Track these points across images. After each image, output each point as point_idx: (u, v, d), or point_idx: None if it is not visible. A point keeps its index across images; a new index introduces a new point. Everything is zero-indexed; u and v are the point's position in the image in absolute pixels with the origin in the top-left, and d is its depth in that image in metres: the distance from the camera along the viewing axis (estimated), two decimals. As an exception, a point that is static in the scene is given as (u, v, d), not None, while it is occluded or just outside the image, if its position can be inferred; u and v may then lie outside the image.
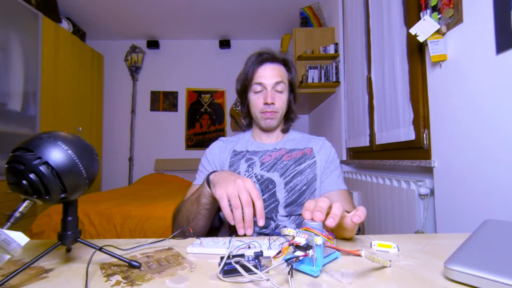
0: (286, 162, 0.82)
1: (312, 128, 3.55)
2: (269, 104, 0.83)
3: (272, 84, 0.83)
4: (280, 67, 0.86)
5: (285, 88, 0.87)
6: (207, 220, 0.69)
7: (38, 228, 1.71)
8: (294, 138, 0.92)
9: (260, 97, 0.84)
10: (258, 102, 0.84)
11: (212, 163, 0.86)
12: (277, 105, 0.84)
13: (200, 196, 0.65)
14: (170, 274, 0.40)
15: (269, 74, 0.84)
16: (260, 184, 0.79)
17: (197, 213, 0.66)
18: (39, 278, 0.39)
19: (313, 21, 2.81)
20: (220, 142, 0.91)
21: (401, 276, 0.39)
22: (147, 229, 1.69)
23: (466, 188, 0.99)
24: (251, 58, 0.86)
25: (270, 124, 0.86)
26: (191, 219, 0.67)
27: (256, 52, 0.87)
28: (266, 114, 0.84)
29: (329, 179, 0.83)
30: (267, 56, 0.85)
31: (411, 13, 1.36)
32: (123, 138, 3.82)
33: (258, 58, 0.85)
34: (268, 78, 0.83)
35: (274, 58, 0.86)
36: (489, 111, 0.89)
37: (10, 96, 2.29)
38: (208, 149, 0.90)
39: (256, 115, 0.87)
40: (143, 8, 3.14)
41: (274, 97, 0.83)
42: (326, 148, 0.88)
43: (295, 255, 0.37)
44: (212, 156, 0.88)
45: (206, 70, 3.90)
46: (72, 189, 0.39)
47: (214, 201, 0.64)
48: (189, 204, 0.68)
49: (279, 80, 0.84)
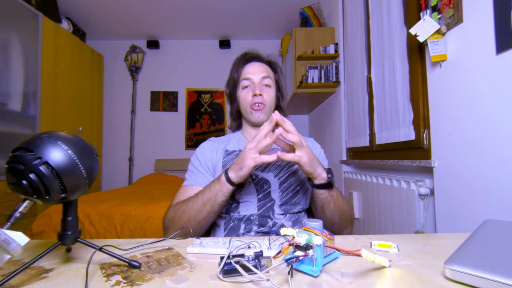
0: (280, 163, 0.83)
1: (312, 128, 3.55)
2: (257, 95, 0.84)
3: (259, 79, 0.85)
4: (266, 66, 0.89)
5: (272, 84, 0.88)
6: (215, 217, 0.72)
7: (38, 228, 1.71)
8: None
9: (248, 91, 0.86)
10: (247, 96, 0.86)
11: (203, 164, 0.85)
12: (265, 97, 0.85)
13: (217, 195, 0.67)
14: (170, 274, 0.40)
15: (256, 70, 0.87)
16: (255, 184, 0.79)
17: (211, 211, 0.68)
18: (39, 278, 0.39)
19: (313, 21, 2.81)
20: (211, 142, 0.91)
21: (401, 276, 0.39)
22: (147, 229, 1.69)
23: (466, 188, 0.99)
24: (237, 59, 0.90)
25: (260, 118, 0.86)
26: (202, 219, 0.69)
27: (241, 54, 0.91)
28: (255, 106, 0.85)
29: None
30: (252, 55, 0.89)
31: (411, 13, 1.36)
32: (123, 138, 3.82)
33: (244, 57, 0.89)
34: (255, 74, 0.86)
35: (259, 57, 0.89)
36: (489, 111, 0.89)
37: (10, 96, 2.29)
38: (198, 149, 0.89)
39: (245, 109, 0.87)
40: (143, 8, 3.14)
41: (262, 90, 0.85)
42: (316, 149, 0.91)
43: (295, 255, 0.37)
44: (203, 156, 0.86)
45: (206, 70, 3.90)
46: (72, 189, 0.39)
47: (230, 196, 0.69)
48: (198, 205, 0.68)
49: (266, 75, 0.86)
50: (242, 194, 0.79)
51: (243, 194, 0.79)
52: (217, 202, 0.68)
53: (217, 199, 0.68)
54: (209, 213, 0.68)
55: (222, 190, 0.67)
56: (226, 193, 0.67)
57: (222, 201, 0.68)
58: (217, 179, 0.69)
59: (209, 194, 0.68)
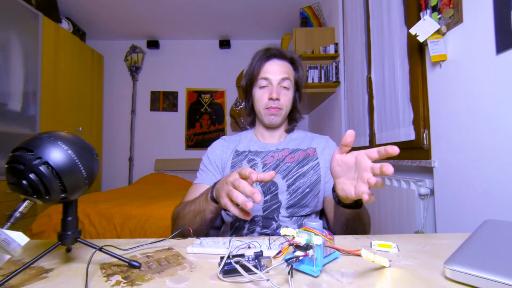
0: (289, 164, 0.81)
1: (312, 128, 3.55)
2: (273, 100, 0.80)
3: (278, 80, 0.81)
4: (287, 64, 0.85)
5: (291, 85, 0.85)
6: (210, 226, 0.69)
7: (38, 228, 1.71)
8: (297, 137, 0.90)
9: (265, 92, 0.82)
10: (263, 97, 0.82)
11: (213, 162, 0.85)
12: (282, 102, 0.82)
13: (205, 211, 0.63)
14: (170, 274, 0.40)
15: (276, 69, 0.82)
16: (262, 186, 0.78)
17: (201, 224, 0.65)
18: (39, 278, 0.39)
19: (313, 21, 2.81)
20: (222, 141, 0.89)
21: (401, 276, 0.39)
22: (147, 229, 1.69)
23: (466, 188, 0.99)
24: (258, 53, 0.84)
25: (274, 121, 0.84)
26: (194, 229, 0.66)
27: (263, 48, 0.85)
28: (270, 110, 0.82)
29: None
30: (275, 51, 0.83)
31: (411, 13, 1.36)
32: (123, 138, 3.82)
33: (266, 53, 0.83)
34: (275, 74, 0.81)
35: (281, 54, 0.84)
36: (489, 111, 0.89)
37: (10, 96, 2.29)
38: (210, 147, 0.88)
39: (260, 111, 0.85)
40: (143, 8, 3.14)
41: (279, 93, 0.81)
42: (331, 147, 0.87)
43: (295, 255, 0.37)
44: (213, 155, 0.86)
45: (206, 70, 3.90)
46: (72, 189, 0.39)
47: (220, 211, 0.64)
48: (190, 216, 0.66)
49: (286, 76, 0.82)
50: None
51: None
52: (206, 218, 0.64)
53: (206, 215, 0.64)
54: (200, 226, 0.65)
55: (209, 208, 0.63)
56: (213, 211, 0.63)
57: (212, 217, 0.64)
58: (206, 193, 0.64)
59: (199, 208, 0.65)
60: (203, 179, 0.83)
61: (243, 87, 0.89)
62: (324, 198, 0.83)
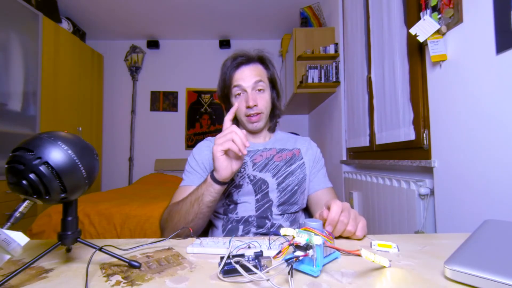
0: (278, 163, 0.83)
1: (312, 128, 3.55)
2: (251, 107, 0.80)
3: (252, 85, 0.80)
4: (257, 66, 0.84)
5: (266, 86, 0.84)
6: (206, 219, 0.70)
7: (38, 228, 1.71)
8: (281, 137, 0.92)
9: (241, 100, 0.81)
10: (241, 105, 0.81)
11: (200, 164, 0.84)
12: (260, 106, 0.81)
13: (204, 195, 0.65)
14: (170, 274, 0.40)
15: (247, 74, 0.81)
16: (253, 185, 0.79)
17: (198, 212, 0.66)
18: (39, 278, 0.39)
19: (313, 21, 2.81)
20: (208, 142, 0.89)
21: (401, 276, 0.39)
22: (147, 229, 1.69)
23: (466, 188, 0.99)
24: (226, 64, 0.84)
25: (258, 127, 0.84)
26: (190, 220, 0.67)
27: (230, 57, 0.85)
28: (251, 118, 0.82)
29: (317, 178, 0.86)
30: (242, 59, 0.82)
31: (411, 13, 1.36)
32: (123, 138, 3.82)
33: (233, 62, 0.82)
34: (246, 80, 0.80)
35: (249, 59, 0.83)
36: (489, 111, 0.89)
37: (10, 96, 2.29)
38: (195, 149, 0.88)
39: (241, 119, 0.84)
40: (143, 8, 3.14)
41: (255, 99, 0.80)
42: (312, 148, 0.91)
43: (295, 255, 0.37)
44: (200, 156, 0.85)
45: (206, 70, 3.90)
46: (72, 189, 0.39)
47: (218, 196, 0.67)
48: (187, 206, 0.67)
49: (258, 79, 0.81)
50: (240, 195, 0.79)
51: (241, 195, 0.79)
52: (204, 203, 0.65)
53: (204, 199, 0.65)
54: (196, 214, 0.66)
55: (209, 190, 0.65)
56: (213, 193, 0.65)
57: (210, 201, 0.66)
58: (204, 181, 0.67)
59: (197, 194, 0.66)
60: (190, 181, 0.81)
61: (220, 98, 0.89)
62: (308, 196, 0.87)
